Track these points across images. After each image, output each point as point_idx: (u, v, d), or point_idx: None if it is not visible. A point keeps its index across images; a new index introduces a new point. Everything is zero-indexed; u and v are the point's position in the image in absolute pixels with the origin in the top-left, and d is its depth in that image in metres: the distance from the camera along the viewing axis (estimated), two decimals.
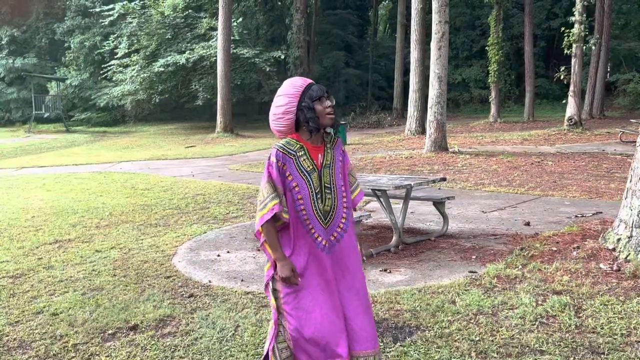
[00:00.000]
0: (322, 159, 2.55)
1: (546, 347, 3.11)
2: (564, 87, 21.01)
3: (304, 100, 2.50)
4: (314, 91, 2.52)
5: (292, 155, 2.50)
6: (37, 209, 8.09)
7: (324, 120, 2.52)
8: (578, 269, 4.29)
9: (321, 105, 2.51)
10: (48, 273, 4.91)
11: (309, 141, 2.54)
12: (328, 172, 2.55)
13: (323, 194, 2.52)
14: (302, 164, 2.50)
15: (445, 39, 13.17)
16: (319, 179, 2.52)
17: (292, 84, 2.56)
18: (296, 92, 2.52)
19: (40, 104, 30.06)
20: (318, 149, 2.56)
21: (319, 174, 2.52)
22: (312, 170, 2.51)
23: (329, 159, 2.57)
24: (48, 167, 14.36)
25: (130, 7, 25.67)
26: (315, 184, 2.50)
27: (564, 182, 9.08)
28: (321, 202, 2.51)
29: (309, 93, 2.51)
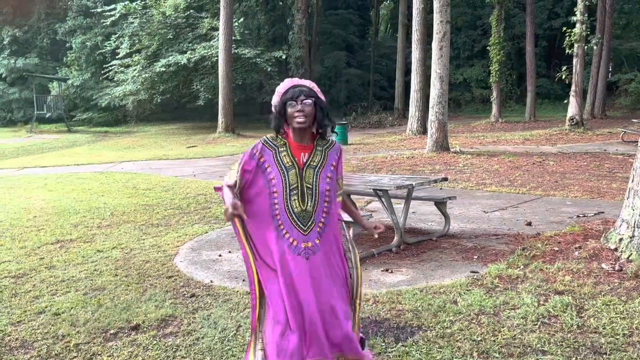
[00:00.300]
0: (305, 158, 2.56)
1: (548, 347, 3.11)
2: (565, 87, 21.00)
3: (278, 102, 2.57)
4: (288, 94, 2.54)
5: (273, 148, 2.55)
6: (38, 209, 8.10)
7: (292, 123, 2.53)
8: (580, 269, 4.29)
9: (291, 109, 2.51)
10: (50, 273, 4.91)
11: (295, 139, 2.57)
12: (312, 172, 2.55)
13: (304, 194, 2.52)
14: (282, 158, 2.53)
15: (446, 39, 13.17)
16: (298, 177, 2.52)
17: (282, 84, 2.64)
18: (279, 93, 2.60)
19: (42, 104, 30.09)
20: (304, 147, 2.57)
21: (298, 172, 2.53)
22: (291, 167, 2.52)
23: (317, 161, 2.57)
24: (50, 167, 14.37)
25: (132, 7, 25.67)
26: (292, 181, 2.51)
27: (565, 182, 9.07)
28: (299, 202, 2.51)
29: (285, 95, 2.55)
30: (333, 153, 2.63)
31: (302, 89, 2.56)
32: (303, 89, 2.56)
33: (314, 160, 2.57)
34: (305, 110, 2.50)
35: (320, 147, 2.61)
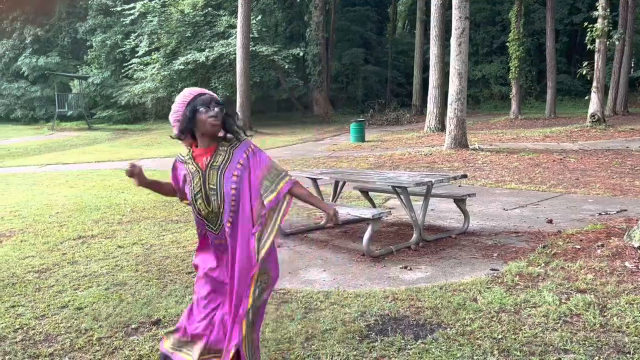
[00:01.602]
0: (208, 160, 2.58)
1: (570, 346, 3.07)
2: (586, 83, 20.68)
3: (187, 110, 2.55)
4: (197, 101, 2.55)
5: (184, 162, 2.66)
6: (60, 205, 8.22)
7: (206, 128, 2.55)
8: (602, 267, 4.23)
9: (204, 114, 2.53)
10: (72, 268, 4.98)
11: (201, 145, 2.62)
12: (215, 174, 2.56)
13: (208, 196, 2.57)
14: (190, 168, 2.62)
15: (465, 35, 13.06)
16: (201, 181, 2.57)
17: (183, 93, 2.63)
18: (183, 102, 2.58)
19: (63, 102, 30.55)
20: (206, 151, 2.61)
21: (202, 175, 2.57)
22: (195, 172, 2.59)
23: (220, 161, 2.57)
24: (71, 164, 14.58)
25: (151, 5, 25.91)
26: (196, 186, 2.58)
27: (586, 179, 8.94)
28: (205, 204, 2.58)
29: (192, 104, 2.55)
30: (240, 151, 2.60)
31: (211, 96, 2.61)
32: (212, 96, 2.61)
33: (216, 160, 2.58)
34: (219, 116, 2.54)
35: (224, 147, 2.61)
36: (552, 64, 23.02)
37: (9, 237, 6.32)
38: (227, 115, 2.60)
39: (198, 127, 2.55)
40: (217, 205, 2.55)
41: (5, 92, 34.65)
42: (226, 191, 2.55)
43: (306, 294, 4.06)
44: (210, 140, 2.60)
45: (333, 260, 4.98)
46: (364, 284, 4.29)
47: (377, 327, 3.44)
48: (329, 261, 4.92)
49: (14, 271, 4.95)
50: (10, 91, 34.40)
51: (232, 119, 2.62)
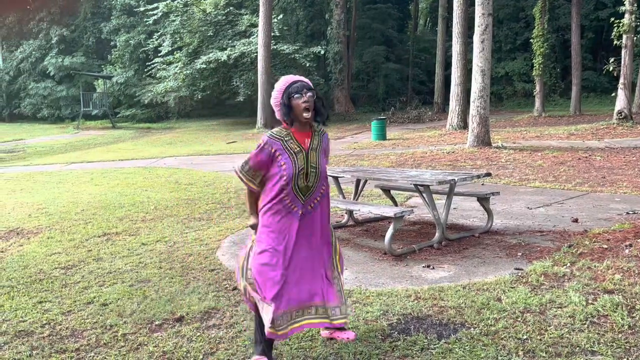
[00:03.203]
0: (309, 142, 2.99)
1: (597, 348, 3.01)
2: (612, 79, 20.27)
3: (283, 97, 2.93)
4: (293, 88, 2.92)
5: (280, 139, 2.94)
6: (86, 203, 8.35)
7: (300, 114, 2.92)
8: (631, 267, 4.14)
9: (298, 100, 2.90)
10: (97, 265, 5.06)
11: (296, 128, 2.97)
12: (315, 154, 2.99)
13: (309, 172, 2.96)
14: (289, 145, 2.93)
15: (488, 32, 12.90)
16: (305, 159, 2.95)
17: (281, 81, 3.00)
18: (280, 89, 2.97)
19: (88, 101, 31.06)
20: (305, 134, 3.00)
21: (305, 155, 2.95)
22: (299, 152, 2.94)
23: (316, 144, 3.02)
24: (95, 162, 14.81)
25: (174, 5, 26.17)
26: (301, 163, 2.93)
27: (613, 177, 8.77)
28: (304, 179, 2.94)
29: (288, 90, 2.93)
30: (325, 138, 3.11)
31: (304, 83, 2.96)
32: (305, 83, 2.96)
33: (314, 143, 3.01)
34: (310, 102, 2.92)
35: (317, 132, 3.06)
36: (577, 60, 22.60)
37: (37, 234, 6.44)
38: (318, 98, 2.97)
39: (294, 112, 2.92)
40: (314, 181, 2.98)
41: (32, 92, 35.37)
42: (322, 169, 3.03)
43: None
44: (305, 124, 2.98)
45: (355, 258, 4.97)
46: (386, 282, 4.27)
47: (400, 326, 3.42)
48: (350, 260, 4.90)
49: (41, 267, 5.05)
50: (37, 91, 35.10)
51: (322, 103, 3.00)
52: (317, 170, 2.98)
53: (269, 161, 2.93)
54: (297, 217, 2.95)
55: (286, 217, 2.95)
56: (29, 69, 36.43)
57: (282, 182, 2.91)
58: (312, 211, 3.01)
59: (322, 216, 3.09)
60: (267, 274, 2.89)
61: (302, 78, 3.01)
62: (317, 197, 3.02)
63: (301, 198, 2.96)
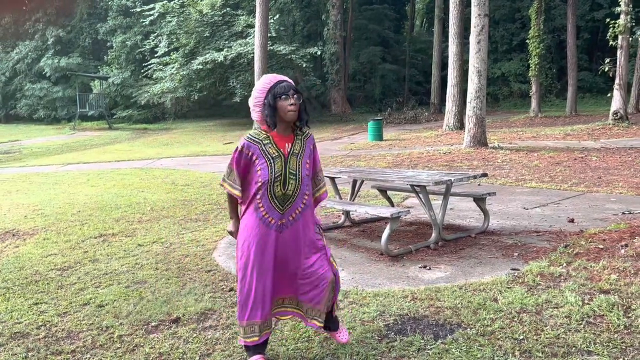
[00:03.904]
0: (289, 147, 2.84)
1: (594, 348, 3.02)
2: (608, 80, 20.35)
3: (267, 97, 2.77)
4: (279, 89, 2.76)
5: (258, 142, 2.80)
6: (82, 204, 8.33)
7: (285, 117, 2.77)
8: (626, 267, 4.15)
9: (284, 102, 2.75)
10: (94, 266, 5.05)
11: (277, 131, 2.82)
12: (295, 160, 2.83)
13: (287, 179, 2.80)
14: (268, 150, 2.79)
15: (484, 33, 12.93)
16: (283, 165, 2.80)
17: (263, 80, 2.83)
18: (263, 88, 2.80)
19: (84, 102, 30.99)
20: (286, 138, 2.85)
21: (284, 160, 2.80)
22: (277, 157, 2.79)
23: (298, 149, 2.85)
24: (92, 163, 14.78)
25: (170, 6, 26.14)
26: (277, 169, 2.78)
27: (609, 178, 8.79)
28: (281, 186, 2.79)
29: (274, 90, 2.77)
30: (309, 143, 2.93)
31: (290, 84, 2.81)
32: (290, 84, 2.81)
33: (295, 148, 2.84)
34: (297, 104, 2.78)
35: (300, 136, 2.89)
36: (573, 61, 22.67)
37: (32, 235, 6.42)
38: (303, 102, 2.85)
39: (279, 113, 2.77)
40: (294, 189, 2.82)
41: (28, 93, 35.28)
42: (303, 176, 2.85)
43: None
44: (287, 126, 2.84)
45: (351, 259, 4.97)
46: (382, 283, 4.27)
47: (396, 326, 3.43)
48: (347, 260, 4.90)
49: (37, 269, 5.03)
50: (33, 92, 35.01)
51: (306, 107, 2.87)
52: (297, 177, 2.82)
53: (247, 165, 2.82)
54: (274, 228, 2.82)
55: (263, 228, 2.82)
56: (25, 69, 36.34)
57: (257, 188, 2.78)
58: (293, 222, 2.85)
59: (305, 229, 2.91)
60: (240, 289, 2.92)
61: (285, 77, 2.87)
62: (298, 207, 2.85)
63: (278, 208, 2.81)
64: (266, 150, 2.78)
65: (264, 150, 2.78)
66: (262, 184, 2.76)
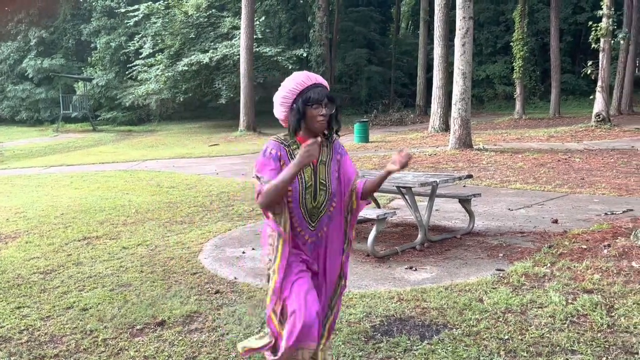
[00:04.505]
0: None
1: (577, 347, 3.05)
2: (591, 82, 20.60)
3: (297, 101, 2.44)
4: (312, 94, 2.42)
5: (286, 146, 2.47)
6: (65, 207, 8.24)
7: (313, 125, 2.44)
8: (609, 267, 4.20)
9: (314, 111, 2.42)
10: (77, 269, 4.99)
11: (303, 136, 2.46)
12: (324, 169, 2.51)
13: (317, 190, 2.48)
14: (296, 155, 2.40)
15: (469, 35, 13.02)
16: (313, 174, 2.47)
17: (296, 78, 2.48)
18: (294, 89, 2.46)
19: (67, 104, 30.64)
20: None
21: (313, 169, 2.48)
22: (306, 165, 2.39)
23: (325, 157, 2.53)
24: (75, 166, 14.61)
25: (155, 7, 25.98)
26: (307, 179, 2.45)
27: (592, 179, 8.90)
28: (312, 198, 2.46)
29: (306, 95, 2.43)
30: (336, 148, 2.60)
31: (324, 90, 2.47)
32: (325, 90, 2.47)
33: (323, 156, 2.52)
34: (327, 116, 2.44)
35: (326, 142, 2.57)
36: (556, 63, 22.93)
37: (15, 239, 6.33)
38: (336, 110, 2.51)
39: (306, 120, 2.44)
40: (324, 200, 2.50)
41: (10, 94, 34.78)
42: (333, 186, 2.53)
43: None
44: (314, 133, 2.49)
45: None
46: (369, 284, 4.28)
47: (383, 327, 3.43)
48: None
49: (19, 272, 4.96)
50: (15, 93, 34.52)
51: (338, 115, 2.54)
52: (327, 188, 2.50)
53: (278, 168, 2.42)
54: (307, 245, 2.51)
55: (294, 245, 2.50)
56: (7, 71, 35.83)
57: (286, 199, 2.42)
58: (322, 240, 2.54)
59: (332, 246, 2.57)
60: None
61: (320, 79, 2.51)
62: (326, 221, 2.54)
63: (309, 223, 2.49)
64: (294, 156, 2.42)
65: (293, 156, 2.42)
66: (292, 194, 2.43)
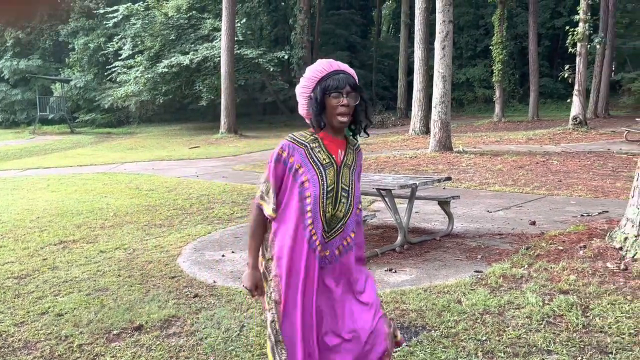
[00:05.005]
0: (342, 155, 2.21)
1: (553, 347, 3.08)
2: (568, 86, 20.92)
3: (315, 89, 2.16)
4: (330, 81, 2.12)
5: (303, 145, 2.15)
6: (41, 210, 8.10)
7: (333, 119, 2.15)
8: (585, 268, 4.26)
9: (334, 100, 2.12)
10: (53, 274, 4.91)
11: (327, 133, 2.19)
12: (348, 173, 2.21)
13: (338, 196, 2.16)
14: (317, 155, 2.15)
15: (449, 39, 13.14)
16: (336, 176, 2.16)
17: (316, 66, 2.20)
18: (313, 77, 2.18)
19: (44, 106, 30.17)
20: (338, 143, 2.21)
21: (337, 170, 2.17)
22: (329, 165, 2.15)
23: (351, 160, 2.24)
24: (52, 168, 14.38)
25: (134, 8, 25.72)
26: (330, 181, 2.14)
27: (569, 181, 9.03)
28: (331, 205, 2.15)
29: (324, 82, 2.14)
30: (360, 157, 2.33)
31: (348, 77, 2.16)
32: (349, 77, 2.16)
33: (348, 159, 2.23)
34: (351, 105, 2.15)
35: (352, 145, 2.28)
36: (534, 67, 23.25)
37: None
38: (361, 101, 2.20)
39: (326, 113, 2.15)
40: (345, 210, 2.18)
41: None
42: (356, 195, 2.22)
43: None
44: (339, 130, 2.21)
45: None
46: None
47: None
48: None
49: None
50: None
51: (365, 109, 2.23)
52: (349, 196, 2.19)
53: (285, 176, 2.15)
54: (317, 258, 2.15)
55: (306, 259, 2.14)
56: None
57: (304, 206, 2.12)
58: (339, 257, 2.19)
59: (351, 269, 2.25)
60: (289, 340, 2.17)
61: (345, 66, 2.20)
62: (347, 238, 2.21)
63: (325, 233, 2.16)
64: (315, 155, 2.14)
65: (312, 155, 2.14)
66: (311, 200, 2.11)
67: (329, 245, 2.17)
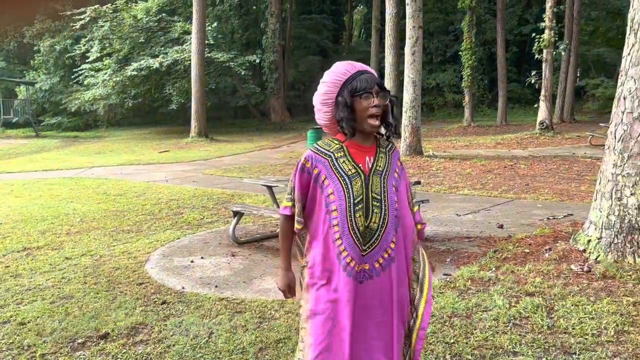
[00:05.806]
0: (370, 162, 2.08)
1: (519, 348, 3.13)
2: (535, 91, 21.38)
3: (342, 93, 2.05)
4: (358, 82, 2.03)
5: (327, 155, 2.06)
6: (4, 216, 7.88)
7: (364, 122, 2.03)
8: (550, 270, 4.35)
9: (365, 102, 2.02)
10: (15, 282, 4.77)
11: (354, 141, 2.08)
12: (379, 180, 2.07)
13: (370, 206, 2.03)
14: (342, 166, 2.05)
15: (419, 44, 13.29)
16: (364, 187, 2.04)
17: (336, 69, 2.11)
18: (337, 80, 2.08)
19: (8, 109, 29.44)
20: (365, 150, 2.09)
21: (364, 181, 2.05)
22: (355, 175, 2.04)
23: (382, 165, 2.10)
24: (17, 173, 14.02)
25: (102, 10, 25.29)
26: (357, 192, 2.03)
27: (536, 185, 9.22)
28: (363, 217, 2.03)
29: (351, 84, 2.04)
30: (395, 157, 2.18)
31: (373, 76, 2.07)
32: (374, 76, 2.07)
33: (379, 164, 2.10)
34: (382, 106, 2.04)
35: (383, 148, 2.15)
36: (503, 73, 23.70)
37: None
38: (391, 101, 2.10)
39: (357, 117, 2.03)
40: (380, 220, 2.04)
41: None
42: (391, 203, 2.07)
43: (261, 303, 4.01)
44: (368, 135, 2.09)
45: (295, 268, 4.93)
46: None
47: None
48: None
49: None
50: None
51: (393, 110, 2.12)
52: (382, 205, 2.05)
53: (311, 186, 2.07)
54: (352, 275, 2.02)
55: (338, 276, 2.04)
56: None
57: (331, 220, 2.03)
58: (379, 272, 2.05)
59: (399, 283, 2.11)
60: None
61: (367, 67, 2.12)
62: (387, 249, 2.06)
63: (359, 247, 2.03)
64: (339, 166, 2.04)
65: (337, 166, 2.04)
66: (338, 212, 2.02)
67: (367, 258, 2.05)
